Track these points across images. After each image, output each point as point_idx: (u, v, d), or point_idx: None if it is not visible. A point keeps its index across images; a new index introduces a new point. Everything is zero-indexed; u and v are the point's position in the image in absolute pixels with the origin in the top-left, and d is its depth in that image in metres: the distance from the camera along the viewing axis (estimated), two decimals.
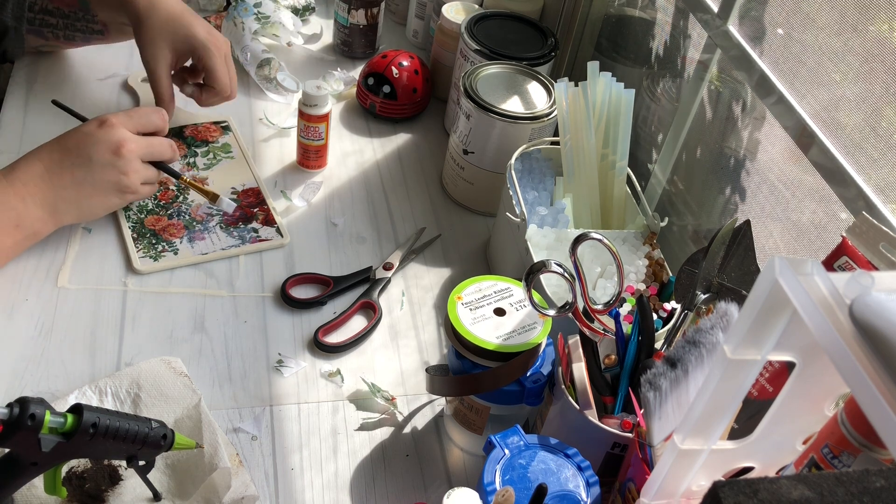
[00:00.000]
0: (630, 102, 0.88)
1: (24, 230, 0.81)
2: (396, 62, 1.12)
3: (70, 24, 1.04)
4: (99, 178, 0.83)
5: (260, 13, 1.19)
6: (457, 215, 1.05)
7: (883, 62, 0.64)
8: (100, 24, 1.03)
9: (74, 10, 1.02)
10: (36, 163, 0.81)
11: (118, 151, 0.83)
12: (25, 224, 0.81)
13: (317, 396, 0.80)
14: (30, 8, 1.01)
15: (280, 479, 0.73)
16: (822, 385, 0.46)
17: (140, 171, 0.86)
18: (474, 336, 0.68)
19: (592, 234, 0.67)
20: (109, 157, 0.82)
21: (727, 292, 0.69)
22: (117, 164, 0.83)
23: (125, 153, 0.83)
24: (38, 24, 1.03)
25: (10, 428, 0.56)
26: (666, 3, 1.00)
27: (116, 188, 0.85)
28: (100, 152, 0.82)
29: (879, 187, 0.65)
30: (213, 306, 0.87)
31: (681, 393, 0.54)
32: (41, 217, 0.82)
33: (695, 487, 0.53)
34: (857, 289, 0.39)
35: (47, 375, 0.77)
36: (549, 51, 1.08)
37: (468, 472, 0.77)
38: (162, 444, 0.63)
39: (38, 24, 1.03)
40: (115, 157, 0.83)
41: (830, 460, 0.47)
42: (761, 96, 0.78)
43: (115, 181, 0.84)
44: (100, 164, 0.82)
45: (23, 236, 0.82)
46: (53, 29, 1.04)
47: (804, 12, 0.75)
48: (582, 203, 0.91)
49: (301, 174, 1.05)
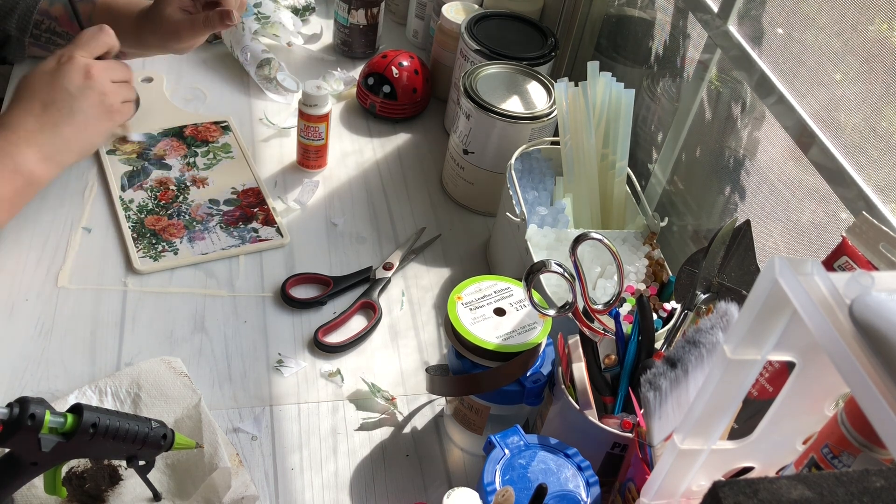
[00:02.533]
0: (630, 102, 0.88)
1: (23, 176, 0.80)
2: (396, 62, 1.12)
3: None
4: (85, 106, 0.83)
5: (260, 13, 1.19)
6: (457, 215, 1.05)
7: (883, 62, 0.64)
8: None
9: None
10: (17, 111, 0.81)
11: (88, 75, 0.83)
12: (23, 169, 0.80)
13: (317, 396, 0.80)
14: (36, 25, 1.01)
15: (280, 478, 0.73)
16: (822, 385, 0.46)
17: (116, 90, 0.86)
18: (474, 336, 0.68)
19: (592, 234, 0.67)
20: (84, 82, 0.83)
21: (727, 292, 0.69)
22: (94, 87, 0.83)
23: (95, 74, 0.83)
24: (45, 41, 1.03)
25: (10, 428, 0.56)
26: (666, 3, 1.00)
27: (103, 110, 0.85)
28: (73, 82, 0.82)
29: (879, 187, 0.65)
30: (213, 306, 0.87)
31: (681, 393, 0.54)
32: (38, 160, 0.81)
33: (695, 487, 0.53)
34: (857, 289, 0.38)
35: (47, 375, 0.77)
36: (549, 51, 1.08)
37: (468, 472, 0.77)
38: (162, 444, 0.63)
39: (44, 41, 1.03)
40: (89, 80, 0.83)
41: (830, 460, 0.47)
42: (761, 96, 0.78)
43: (98, 103, 0.84)
44: (79, 92, 0.82)
45: (23, 182, 0.80)
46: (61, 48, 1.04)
47: (804, 12, 0.75)
48: (582, 203, 0.91)
49: (301, 174, 1.05)
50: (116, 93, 0.86)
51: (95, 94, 0.83)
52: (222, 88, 1.17)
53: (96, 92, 0.83)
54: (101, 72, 0.84)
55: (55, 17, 1.01)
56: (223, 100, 1.14)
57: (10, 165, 0.79)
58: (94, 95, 0.83)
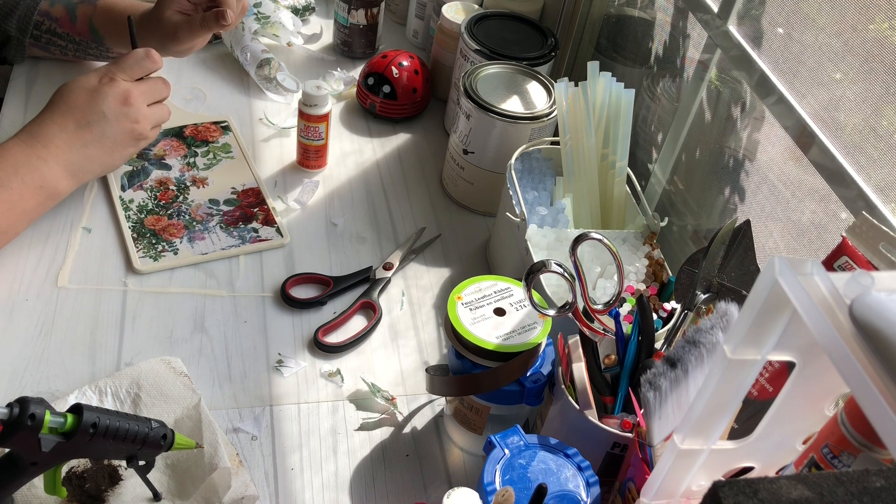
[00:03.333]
0: (630, 102, 0.88)
1: (48, 190, 0.83)
2: (396, 62, 1.12)
3: (80, 48, 1.04)
4: (117, 130, 0.85)
5: (260, 13, 1.19)
6: (457, 215, 1.05)
7: (883, 62, 0.64)
8: (115, 52, 1.04)
9: (86, 39, 1.02)
10: (51, 125, 0.82)
11: (127, 101, 0.85)
12: (49, 185, 0.82)
13: (316, 396, 0.80)
14: (37, 26, 1.02)
15: (280, 478, 0.73)
16: (822, 385, 0.46)
17: (148, 116, 0.88)
18: (474, 336, 0.68)
19: (592, 234, 0.67)
20: (120, 108, 0.84)
21: (727, 292, 0.69)
22: (129, 114, 0.85)
23: (133, 101, 0.85)
24: (45, 42, 1.04)
25: (10, 428, 0.56)
26: (666, 3, 1.00)
27: (132, 136, 0.87)
28: (110, 106, 0.84)
29: (879, 187, 0.65)
30: (213, 306, 0.87)
31: (681, 393, 0.54)
32: (64, 177, 0.83)
33: (695, 487, 0.53)
34: (856, 289, 0.38)
35: (47, 375, 0.77)
36: (549, 51, 1.08)
37: (468, 472, 0.77)
38: (162, 444, 0.63)
39: (44, 41, 1.04)
40: (126, 107, 0.85)
41: (830, 460, 0.47)
42: (761, 96, 0.78)
43: (129, 130, 0.86)
44: (114, 117, 0.84)
45: (45, 196, 0.83)
46: (62, 49, 1.05)
47: (804, 12, 0.75)
48: (582, 203, 0.91)
49: (301, 174, 1.05)
50: (149, 119, 0.88)
51: (129, 122, 0.85)
52: (222, 88, 1.17)
53: (130, 119, 0.85)
54: (139, 97, 0.86)
55: (56, 18, 1.01)
56: (223, 100, 1.14)
57: (38, 181, 0.81)
58: (127, 123, 0.85)
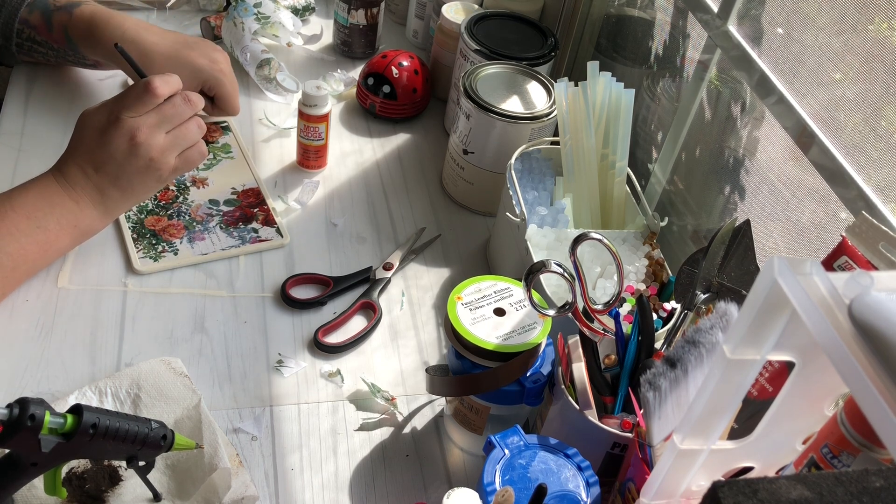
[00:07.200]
0: (630, 102, 0.88)
1: (81, 229, 0.83)
2: (396, 62, 1.12)
3: (60, 55, 1.04)
4: (131, 170, 0.82)
5: (260, 13, 1.19)
6: (457, 215, 1.05)
7: (883, 62, 0.64)
8: (91, 60, 1.03)
9: (63, 46, 1.02)
10: (73, 167, 0.81)
11: (134, 141, 0.80)
12: (83, 224, 0.82)
13: (316, 396, 0.80)
14: (18, 34, 1.02)
15: (280, 479, 0.73)
16: (822, 385, 0.46)
17: (165, 147, 0.82)
18: (474, 336, 0.68)
19: (592, 234, 0.67)
20: (129, 148, 0.81)
21: (727, 292, 0.69)
22: (139, 153, 0.81)
23: (141, 139, 0.80)
24: (28, 49, 1.04)
25: (10, 428, 0.56)
26: (666, 3, 1.00)
27: (150, 174, 0.83)
28: (118, 148, 0.81)
29: (879, 187, 0.65)
30: (213, 306, 0.87)
31: (680, 393, 0.54)
32: (96, 216, 0.83)
33: (694, 487, 0.53)
34: (856, 289, 0.38)
35: (47, 375, 0.77)
36: (549, 51, 1.08)
37: (468, 472, 0.77)
38: (162, 445, 0.63)
39: (26, 49, 1.04)
40: (134, 147, 0.81)
41: (830, 460, 0.47)
42: (761, 96, 0.78)
43: (144, 168, 0.82)
44: (125, 159, 0.81)
45: (80, 234, 0.83)
46: (43, 55, 1.05)
47: (804, 12, 0.75)
48: (582, 203, 0.91)
49: (301, 174, 1.05)
50: (168, 149, 0.83)
51: (142, 160, 0.81)
52: None
53: (142, 158, 0.81)
54: (148, 132, 0.81)
55: (34, 26, 1.01)
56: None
57: (73, 222, 0.81)
58: (139, 161, 0.81)
